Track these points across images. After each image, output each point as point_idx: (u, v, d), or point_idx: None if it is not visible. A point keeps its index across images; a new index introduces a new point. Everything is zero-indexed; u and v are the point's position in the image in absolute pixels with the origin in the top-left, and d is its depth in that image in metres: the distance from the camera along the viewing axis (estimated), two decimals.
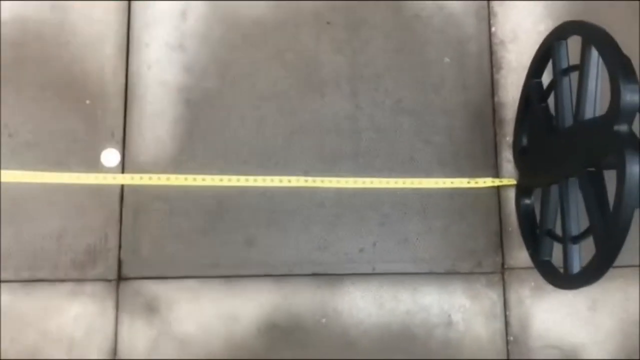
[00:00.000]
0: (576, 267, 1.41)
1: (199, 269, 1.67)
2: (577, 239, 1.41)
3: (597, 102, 1.39)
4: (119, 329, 1.63)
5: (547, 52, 1.58)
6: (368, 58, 1.80)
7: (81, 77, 1.71)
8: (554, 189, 1.53)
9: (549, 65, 1.59)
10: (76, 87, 1.71)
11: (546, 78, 1.64)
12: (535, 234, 1.64)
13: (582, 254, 1.40)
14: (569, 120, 1.47)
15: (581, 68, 1.40)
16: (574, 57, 1.48)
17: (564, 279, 1.45)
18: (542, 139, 1.60)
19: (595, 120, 1.36)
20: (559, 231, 1.51)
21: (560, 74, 1.51)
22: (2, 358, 1.59)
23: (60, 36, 1.73)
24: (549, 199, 1.55)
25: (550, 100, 1.59)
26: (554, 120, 1.55)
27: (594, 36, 1.35)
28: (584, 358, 1.70)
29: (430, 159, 1.76)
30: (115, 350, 1.62)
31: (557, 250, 1.53)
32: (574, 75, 1.47)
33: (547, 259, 1.56)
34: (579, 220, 1.43)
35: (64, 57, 1.72)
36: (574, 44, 1.47)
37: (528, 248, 1.66)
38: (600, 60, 1.34)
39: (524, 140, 1.72)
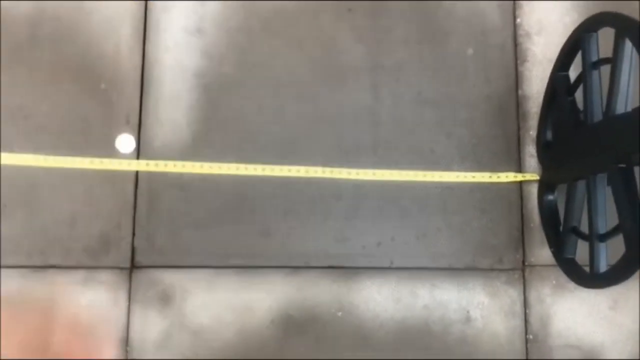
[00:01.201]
0: (603, 266, 1.38)
1: (214, 259, 1.64)
2: (604, 237, 1.37)
3: (629, 97, 1.35)
4: (131, 318, 1.60)
5: (576, 44, 1.54)
6: (389, 47, 1.76)
7: (97, 60, 1.68)
8: (581, 185, 1.50)
9: (577, 59, 1.55)
10: (92, 70, 1.67)
11: (572, 72, 1.60)
12: (558, 231, 1.61)
13: (609, 252, 1.37)
14: (598, 115, 1.43)
15: (614, 61, 1.36)
16: (602, 50, 1.45)
17: (590, 278, 1.42)
18: (568, 133, 1.56)
19: (627, 116, 1.31)
20: (583, 228, 1.48)
21: (590, 67, 1.47)
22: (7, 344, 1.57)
23: (77, 18, 1.69)
24: (574, 195, 1.52)
25: (577, 94, 1.55)
26: (581, 114, 1.51)
27: (629, 28, 1.31)
28: (603, 358, 1.66)
29: (451, 152, 1.72)
30: (127, 339, 1.59)
31: (580, 248, 1.50)
32: (604, 69, 1.43)
33: (571, 256, 1.53)
34: (607, 217, 1.39)
35: (80, 39, 1.69)
36: (603, 36, 1.43)
37: (551, 245, 1.62)
38: (634, 53, 1.30)
39: (549, 135, 1.68)
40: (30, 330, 1.57)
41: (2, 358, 1.56)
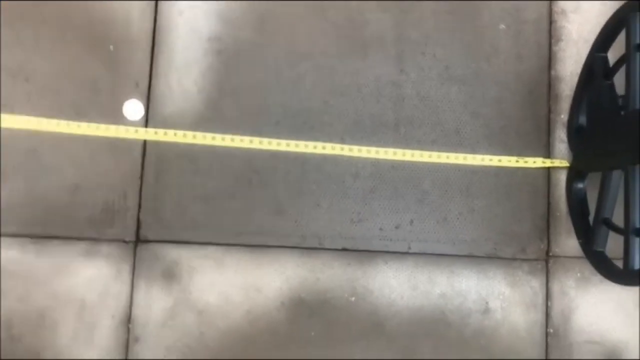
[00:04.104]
0: (638, 262, 1.30)
1: (223, 236, 1.56)
2: None
3: None
4: (134, 295, 1.53)
5: (619, 24, 1.44)
6: (417, 18, 1.65)
7: (105, 21, 1.58)
8: (616, 175, 1.41)
9: (618, 40, 1.45)
10: (100, 31, 1.58)
11: (610, 54, 1.50)
12: (587, 222, 1.53)
13: None
14: None
15: None
16: None
17: (623, 274, 1.34)
18: (605, 119, 1.47)
19: None
20: (615, 220, 1.40)
21: (635, 49, 1.36)
22: (7, 317, 1.50)
23: None
24: (608, 185, 1.43)
25: (617, 78, 1.45)
26: (620, 100, 1.41)
27: None
28: (625, 357, 1.59)
29: (477, 133, 1.63)
30: (129, 316, 1.52)
31: (610, 240, 1.42)
32: None
33: (600, 249, 1.45)
34: None
35: None
36: None
37: (579, 237, 1.54)
38: None
39: (582, 120, 1.59)
40: (27, 304, 1.50)
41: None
